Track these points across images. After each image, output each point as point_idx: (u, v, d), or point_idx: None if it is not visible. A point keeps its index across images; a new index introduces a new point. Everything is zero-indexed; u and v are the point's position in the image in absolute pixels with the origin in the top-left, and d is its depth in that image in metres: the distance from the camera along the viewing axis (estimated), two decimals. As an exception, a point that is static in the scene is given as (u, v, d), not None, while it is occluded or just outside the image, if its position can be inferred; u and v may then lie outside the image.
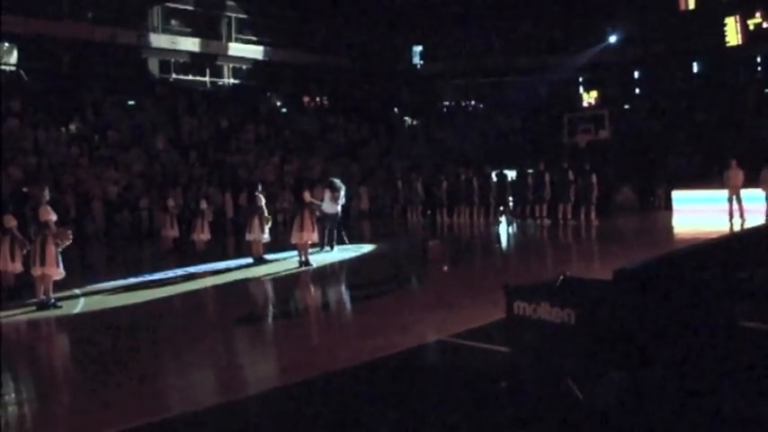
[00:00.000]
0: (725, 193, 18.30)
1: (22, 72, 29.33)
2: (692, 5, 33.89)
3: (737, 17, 32.50)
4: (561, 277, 5.11)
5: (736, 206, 18.02)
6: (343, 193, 16.35)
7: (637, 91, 37.50)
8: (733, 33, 32.70)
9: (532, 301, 4.92)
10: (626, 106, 34.98)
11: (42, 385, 6.89)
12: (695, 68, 35.86)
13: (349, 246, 16.67)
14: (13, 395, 6.50)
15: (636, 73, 37.45)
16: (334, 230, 16.28)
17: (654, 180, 24.92)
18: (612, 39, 35.90)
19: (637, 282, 4.63)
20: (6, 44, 29.90)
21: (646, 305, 4.36)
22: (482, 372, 6.03)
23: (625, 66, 36.23)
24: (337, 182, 16.40)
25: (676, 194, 22.93)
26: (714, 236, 9.61)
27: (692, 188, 22.35)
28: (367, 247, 17.10)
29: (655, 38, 34.88)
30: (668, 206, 23.07)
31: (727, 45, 32.89)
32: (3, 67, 29.81)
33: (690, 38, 33.80)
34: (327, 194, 15.92)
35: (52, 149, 24.41)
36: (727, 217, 17.86)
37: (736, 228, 16.81)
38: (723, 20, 32.92)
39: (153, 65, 33.87)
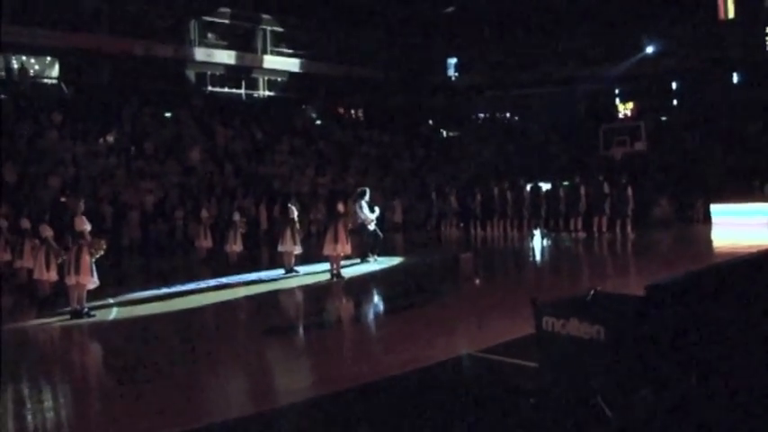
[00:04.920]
0: (766, 206, 17.89)
1: (62, 85, 29.98)
2: (731, 14, 33.28)
3: (780, 26, 31.91)
4: (592, 292, 5.01)
5: (777, 220, 17.64)
6: (362, 202, 16.23)
7: (674, 102, 36.86)
8: (775, 43, 32.09)
9: (561, 316, 4.83)
10: (663, 118, 34.42)
11: (78, 393, 6.96)
12: (735, 79, 35.12)
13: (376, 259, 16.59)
14: (50, 402, 6.59)
15: (673, 84, 36.76)
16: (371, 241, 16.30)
17: (692, 193, 24.46)
18: (650, 49, 35.33)
19: (670, 297, 4.51)
20: (49, 58, 30.66)
21: (678, 321, 4.24)
22: (511, 387, 5.94)
23: (662, 77, 35.61)
24: (359, 190, 16.66)
25: (715, 207, 22.46)
26: (754, 250, 9.39)
27: (732, 201, 21.88)
28: (399, 260, 17.03)
29: (693, 48, 34.30)
30: (707, 219, 22.61)
31: (769, 55, 32.27)
32: (45, 80, 30.55)
33: (730, 47, 33.19)
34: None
35: (90, 161, 24.84)
36: (769, 231, 17.48)
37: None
38: (764, 29, 32.32)
39: (189, 77, 34.36)
